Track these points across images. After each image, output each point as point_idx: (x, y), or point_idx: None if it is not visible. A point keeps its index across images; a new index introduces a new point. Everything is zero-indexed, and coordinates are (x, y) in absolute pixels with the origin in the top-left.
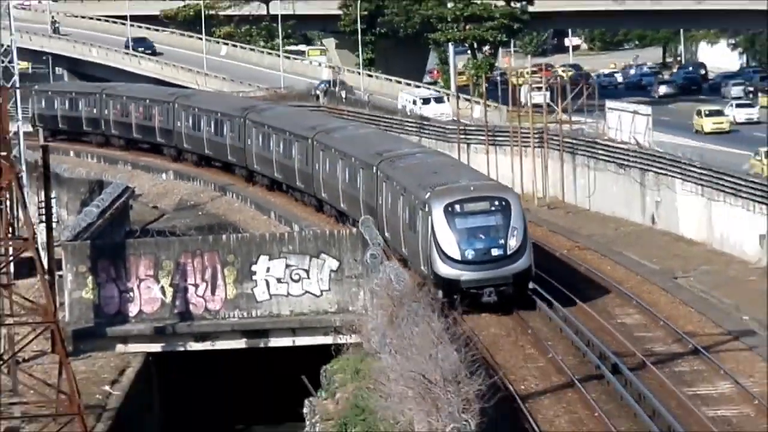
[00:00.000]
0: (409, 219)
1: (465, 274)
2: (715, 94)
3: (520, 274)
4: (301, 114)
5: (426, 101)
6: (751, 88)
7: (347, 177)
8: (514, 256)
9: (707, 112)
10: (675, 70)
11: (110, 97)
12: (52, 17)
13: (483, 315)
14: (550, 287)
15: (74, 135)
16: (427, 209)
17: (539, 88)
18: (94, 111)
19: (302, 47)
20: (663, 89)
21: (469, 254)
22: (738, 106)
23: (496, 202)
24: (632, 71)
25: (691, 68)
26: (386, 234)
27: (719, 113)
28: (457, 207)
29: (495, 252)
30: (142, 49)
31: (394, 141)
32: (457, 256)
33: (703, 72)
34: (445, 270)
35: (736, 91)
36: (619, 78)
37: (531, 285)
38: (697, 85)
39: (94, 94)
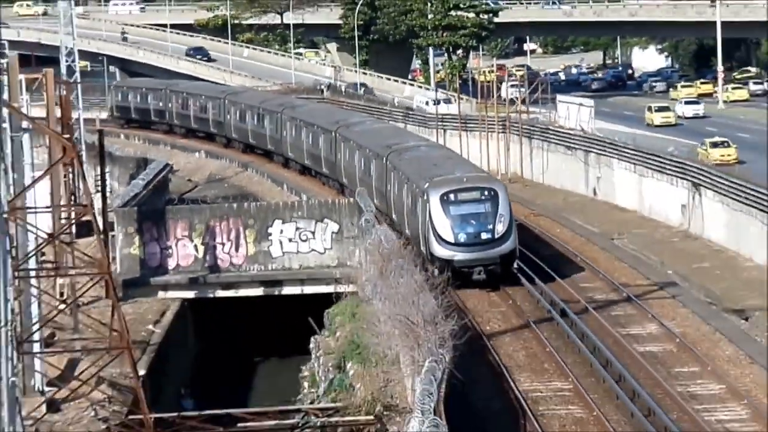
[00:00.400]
0: (411, 204)
1: (458, 255)
2: (639, 89)
3: (507, 255)
4: (327, 110)
5: (437, 102)
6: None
7: (363, 165)
8: (501, 240)
9: (656, 108)
10: (607, 70)
11: (173, 92)
12: (123, 29)
13: None
14: None
15: (144, 124)
16: (425, 197)
17: (516, 86)
18: (160, 104)
19: (301, 49)
20: (595, 85)
21: (462, 237)
22: (687, 103)
23: (486, 192)
24: (573, 71)
25: (620, 68)
26: (393, 216)
27: (667, 109)
28: (452, 196)
29: (484, 236)
30: (200, 56)
31: (403, 135)
32: (451, 239)
33: (629, 71)
34: (440, 251)
35: (660, 86)
36: (562, 76)
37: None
38: (623, 82)
39: (161, 90)
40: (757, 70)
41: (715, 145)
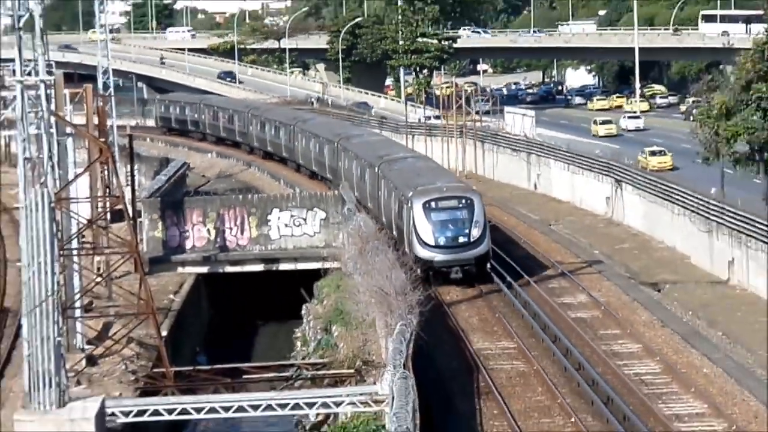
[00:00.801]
0: (398, 210)
1: (437, 257)
2: (567, 102)
3: (481, 257)
4: (332, 124)
5: (429, 118)
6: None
7: (359, 173)
8: (476, 243)
9: (601, 121)
10: (540, 86)
11: (206, 106)
12: (161, 54)
13: None
14: None
15: (182, 132)
16: (410, 204)
17: (487, 101)
18: (195, 116)
19: (293, 69)
20: (529, 98)
21: (441, 241)
22: (629, 117)
23: (463, 201)
24: (513, 87)
25: (551, 85)
26: (383, 219)
27: (609, 122)
28: (433, 204)
29: (461, 239)
30: (229, 78)
31: (394, 147)
32: (432, 242)
33: (558, 88)
34: (422, 253)
35: (579, 99)
36: (505, 91)
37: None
38: (552, 96)
39: (196, 104)
40: (661, 87)
41: (653, 153)
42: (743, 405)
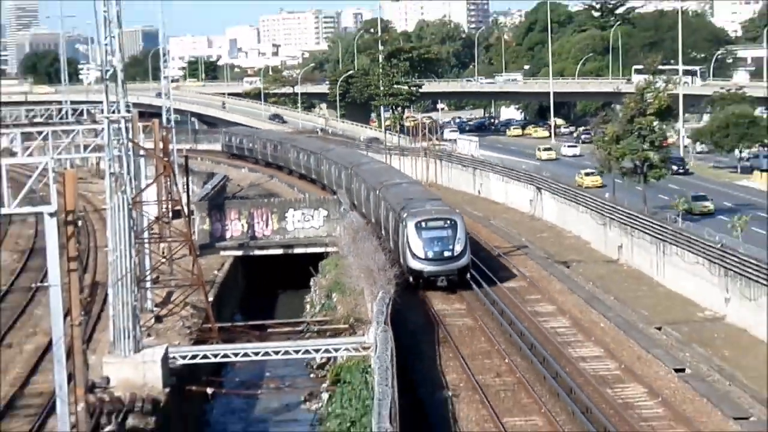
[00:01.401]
0: (394, 227)
1: (426, 268)
2: (497, 131)
3: (462, 268)
4: (350, 153)
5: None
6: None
7: (367, 195)
8: (459, 257)
9: (544, 148)
10: (475, 119)
11: (258, 138)
12: (223, 101)
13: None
14: None
15: (241, 157)
16: (404, 223)
17: (454, 131)
18: (250, 144)
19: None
20: (467, 128)
21: (430, 254)
22: (568, 146)
23: (449, 221)
24: (458, 120)
25: (485, 118)
26: (382, 232)
27: (550, 149)
28: (423, 223)
29: (446, 254)
30: (277, 120)
31: (393, 174)
32: (422, 256)
33: (491, 120)
34: (414, 264)
35: (504, 129)
36: (452, 123)
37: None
38: (485, 127)
39: (251, 135)
40: (562, 120)
41: (587, 174)
42: (629, 350)
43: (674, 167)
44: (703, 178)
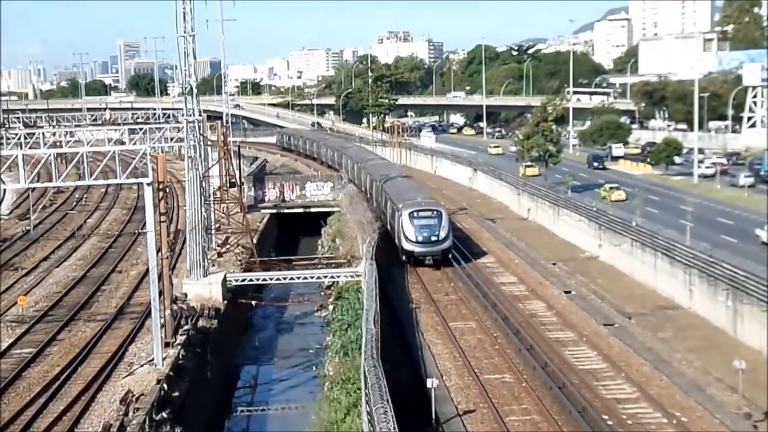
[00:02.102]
0: (391, 215)
1: (417, 249)
2: (443, 131)
3: (446, 250)
4: (361, 150)
5: (426, 135)
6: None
7: (372, 186)
8: (443, 241)
9: (493, 146)
10: (432, 122)
11: (300, 137)
12: (277, 112)
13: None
14: None
15: (291, 151)
16: (400, 213)
17: (429, 132)
18: (297, 142)
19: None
20: (425, 127)
21: (420, 238)
22: (512, 145)
23: (435, 212)
24: (417, 122)
25: (438, 122)
26: (382, 216)
27: (498, 146)
28: (415, 213)
29: (433, 238)
30: (318, 126)
31: (392, 169)
32: (414, 239)
33: (442, 123)
34: (407, 246)
35: (449, 128)
36: (427, 126)
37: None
38: (439, 127)
39: (296, 135)
40: (483, 124)
41: (528, 166)
42: (534, 278)
43: (595, 164)
44: (584, 163)
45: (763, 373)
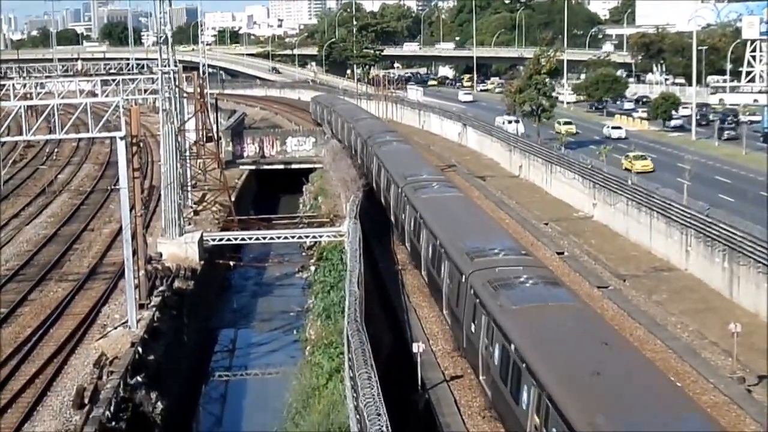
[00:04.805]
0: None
1: None
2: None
3: None
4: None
5: (510, 122)
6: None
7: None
8: None
9: (464, 92)
10: (419, 74)
11: (325, 105)
12: (275, 68)
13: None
14: None
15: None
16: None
17: (413, 86)
18: (324, 113)
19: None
20: (411, 80)
21: None
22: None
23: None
24: (406, 74)
25: (426, 74)
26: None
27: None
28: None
29: None
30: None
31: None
32: None
33: (429, 76)
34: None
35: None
36: (413, 80)
37: None
38: (425, 79)
39: (323, 104)
40: (473, 76)
41: (508, 122)
42: (526, 238)
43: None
44: (579, 118)
45: (758, 336)
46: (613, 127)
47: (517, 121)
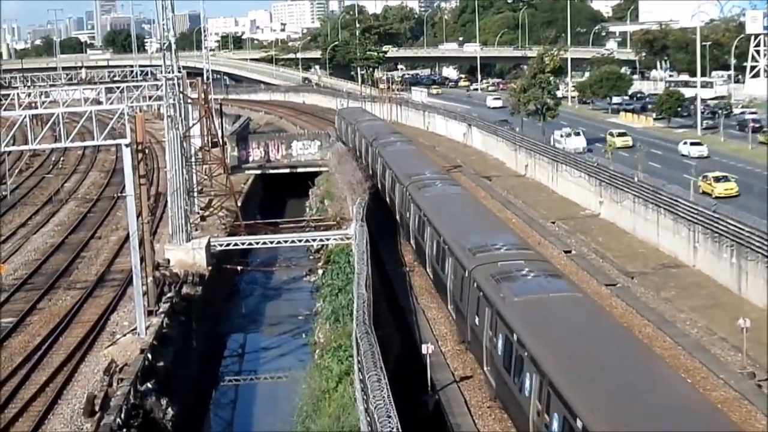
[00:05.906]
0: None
1: None
2: (442, 84)
3: None
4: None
5: (568, 135)
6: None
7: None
8: None
9: (493, 98)
10: (425, 75)
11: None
12: (308, 78)
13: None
14: None
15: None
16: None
17: (422, 92)
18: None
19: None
20: (417, 83)
21: None
22: (494, 99)
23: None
24: (410, 76)
25: (432, 75)
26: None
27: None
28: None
29: None
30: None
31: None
32: None
33: (436, 77)
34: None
35: (446, 82)
36: (418, 81)
37: None
38: (431, 80)
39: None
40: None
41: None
42: (533, 238)
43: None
44: (585, 117)
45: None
46: (692, 143)
47: (578, 134)
